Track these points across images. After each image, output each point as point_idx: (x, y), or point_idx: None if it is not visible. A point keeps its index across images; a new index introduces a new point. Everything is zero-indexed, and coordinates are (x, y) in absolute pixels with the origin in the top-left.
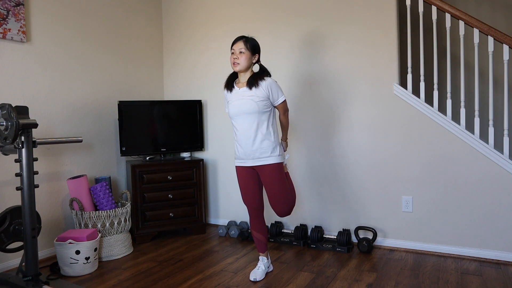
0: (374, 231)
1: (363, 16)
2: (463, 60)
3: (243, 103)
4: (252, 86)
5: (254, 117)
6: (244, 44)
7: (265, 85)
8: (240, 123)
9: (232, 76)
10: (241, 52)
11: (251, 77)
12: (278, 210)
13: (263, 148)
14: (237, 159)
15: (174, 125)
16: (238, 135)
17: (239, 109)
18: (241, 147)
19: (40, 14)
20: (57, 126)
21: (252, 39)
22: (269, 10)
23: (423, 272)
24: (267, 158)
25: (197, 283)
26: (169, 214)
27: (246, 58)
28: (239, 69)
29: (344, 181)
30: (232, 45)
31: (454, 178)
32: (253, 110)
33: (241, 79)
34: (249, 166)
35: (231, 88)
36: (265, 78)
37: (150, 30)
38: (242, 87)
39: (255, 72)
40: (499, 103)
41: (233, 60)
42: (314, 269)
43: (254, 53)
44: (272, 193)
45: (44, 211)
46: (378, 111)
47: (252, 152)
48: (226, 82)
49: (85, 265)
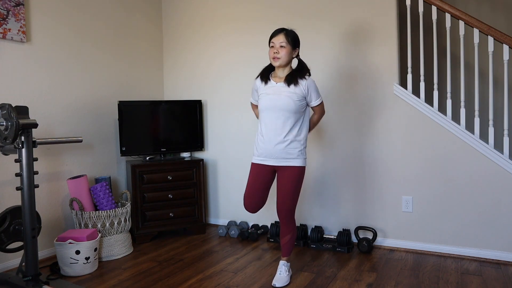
0: (374, 231)
1: (363, 16)
2: (463, 60)
3: (279, 99)
4: (291, 84)
5: (289, 116)
6: (285, 38)
7: (305, 84)
8: (271, 118)
9: (268, 68)
10: (281, 46)
11: (290, 74)
12: (280, 211)
13: (291, 149)
14: (258, 156)
15: (174, 125)
16: (266, 131)
17: (273, 104)
18: (264, 144)
19: (40, 14)
20: (57, 126)
21: (293, 31)
22: (269, 10)
23: (423, 272)
24: (293, 160)
25: (197, 283)
26: (169, 214)
27: (287, 52)
28: (280, 64)
29: (344, 181)
30: (271, 38)
31: (454, 178)
32: (289, 108)
33: (279, 74)
34: (270, 165)
35: (267, 81)
36: (306, 77)
37: (150, 30)
38: (279, 82)
39: (294, 68)
40: (499, 103)
41: (273, 54)
42: (314, 269)
43: (295, 47)
44: (283, 194)
45: (44, 211)
46: (378, 111)
47: (277, 151)
48: (261, 73)
49: (85, 265)
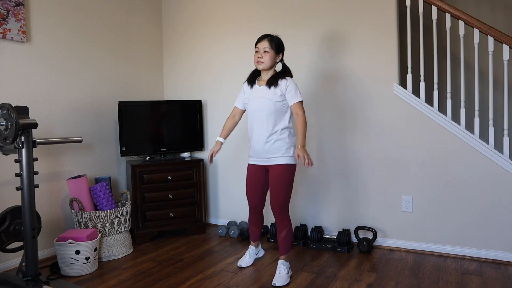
0: (374, 231)
1: (363, 16)
2: (463, 60)
3: (260, 102)
4: (272, 85)
5: (271, 117)
6: (269, 43)
7: (285, 84)
8: (256, 121)
9: (254, 72)
10: (265, 51)
11: (272, 77)
12: (273, 208)
13: (276, 148)
14: (250, 157)
15: (174, 125)
16: (253, 133)
17: (256, 107)
18: (253, 145)
19: (40, 14)
20: (57, 126)
21: (277, 38)
22: (269, 10)
23: (423, 272)
24: (279, 158)
25: (197, 283)
26: (169, 214)
27: (270, 57)
28: (262, 67)
29: (344, 181)
30: (257, 43)
31: (454, 178)
32: (270, 110)
33: (263, 77)
34: (261, 164)
35: (252, 85)
36: (286, 78)
37: (150, 30)
38: (262, 85)
39: (277, 71)
40: (499, 103)
41: (257, 58)
42: (314, 269)
43: (278, 53)
44: (273, 191)
45: (44, 211)
46: (378, 111)
47: (264, 151)
48: (248, 78)
49: (85, 265)
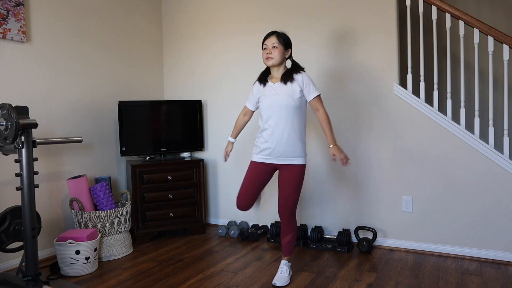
0: (374, 231)
1: (363, 16)
2: (463, 60)
3: (279, 99)
4: (287, 81)
5: (291, 114)
6: (277, 39)
7: (301, 78)
8: (274, 118)
9: (264, 72)
10: (274, 47)
11: (285, 73)
12: (282, 210)
13: (294, 147)
14: (258, 154)
15: (174, 125)
16: (270, 131)
17: (274, 104)
18: (269, 143)
19: (40, 14)
20: (57, 126)
21: (284, 34)
22: (269, 10)
23: (423, 272)
24: (296, 158)
25: (197, 283)
26: (169, 214)
27: (280, 52)
28: (272, 63)
29: (344, 181)
30: (264, 40)
31: (454, 178)
32: (290, 106)
33: (274, 74)
34: (272, 163)
35: (265, 83)
36: (300, 72)
37: (150, 30)
38: (276, 82)
39: (289, 67)
40: (499, 103)
41: (266, 55)
42: (314, 269)
43: (287, 48)
44: (287, 192)
45: (44, 211)
46: (378, 111)
47: (282, 149)
48: (259, 77)
49: (85, 265)
